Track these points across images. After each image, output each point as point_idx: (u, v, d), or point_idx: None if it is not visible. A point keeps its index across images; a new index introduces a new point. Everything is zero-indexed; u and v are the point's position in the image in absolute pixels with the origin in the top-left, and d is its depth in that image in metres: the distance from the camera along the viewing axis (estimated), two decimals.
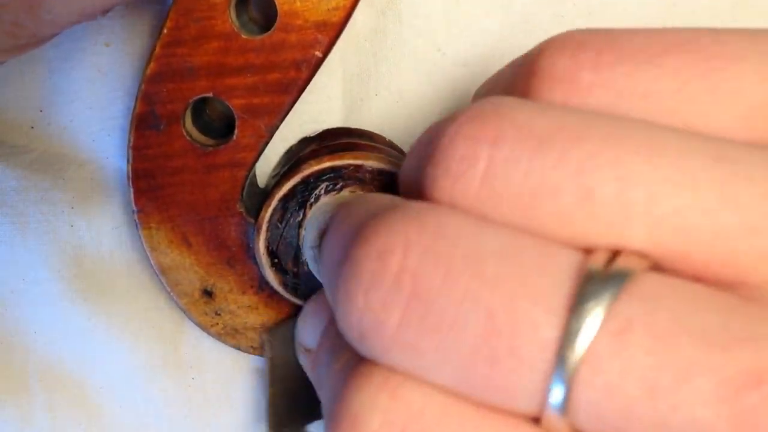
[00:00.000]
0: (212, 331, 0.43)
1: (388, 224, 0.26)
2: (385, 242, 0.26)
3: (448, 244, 0.25)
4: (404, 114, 0.45)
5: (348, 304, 0.26)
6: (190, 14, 0.36)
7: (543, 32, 0.42)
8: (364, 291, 0.26)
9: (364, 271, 0.26)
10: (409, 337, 0.25)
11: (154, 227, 0.40)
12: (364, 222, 0.27)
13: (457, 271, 0.25)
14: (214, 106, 0.41)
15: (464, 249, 0.25)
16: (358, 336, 0.26)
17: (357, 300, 0.26)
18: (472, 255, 0.25)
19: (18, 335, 0.46)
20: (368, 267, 0.26)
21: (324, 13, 0.36)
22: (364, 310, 0.26)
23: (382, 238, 0.26)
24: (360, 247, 0.26)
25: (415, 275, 0.25)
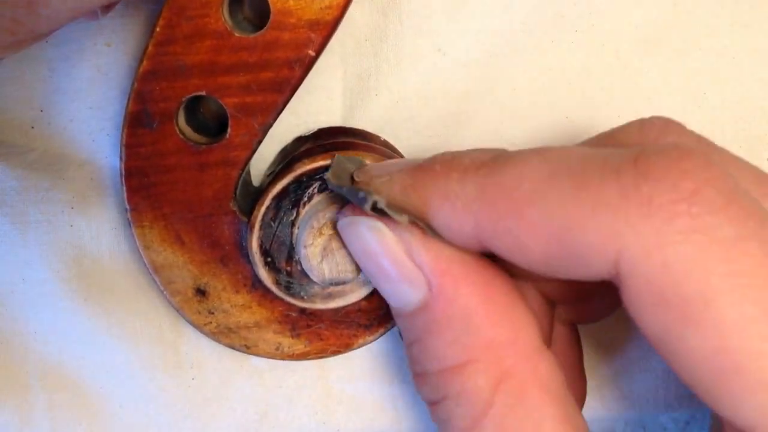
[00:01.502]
0: (206, 330, 0.42)
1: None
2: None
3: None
4: (404, 114, 0.45)
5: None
6: (183, 12, 0.36)
7: (543, 32, 0.43)
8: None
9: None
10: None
11: (147, 225, 0.40)
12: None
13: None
14: (207, 104, 0.41)
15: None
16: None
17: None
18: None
19: (18, 335, 0.46)
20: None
21: (317, 11, 0.36)
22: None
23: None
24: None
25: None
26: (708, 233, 0.27)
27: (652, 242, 0.28)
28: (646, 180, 0.28)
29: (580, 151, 0.31)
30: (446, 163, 0.34)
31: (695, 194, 0.28)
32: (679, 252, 0.27)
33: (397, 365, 0.48)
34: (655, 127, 0.36)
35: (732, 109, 0.46)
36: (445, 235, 0.34)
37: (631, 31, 0.44)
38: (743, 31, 0.45)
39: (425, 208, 0.34)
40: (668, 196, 0.28)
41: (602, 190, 0.29)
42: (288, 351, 0.43)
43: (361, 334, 0.43)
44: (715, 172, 0.28)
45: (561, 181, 0.30)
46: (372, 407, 0.49)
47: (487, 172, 0.32)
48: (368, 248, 0.36)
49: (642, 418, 0.49)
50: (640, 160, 0.29)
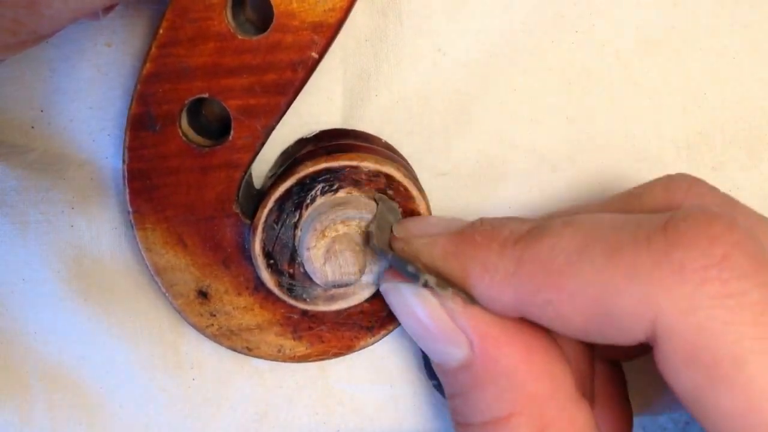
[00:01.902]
0: (207, 333, 0.42)
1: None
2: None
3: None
4: (404, 114, 0.45)
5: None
6: (186, 14, 0.36)
7: (543, 32, 0.43)
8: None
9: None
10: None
11: (150, 228, 0.40)
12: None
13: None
14: (210, 106, 0.41)
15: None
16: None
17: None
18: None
19: (18, 335, 0.46)
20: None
21: (320, 14, 0.36)
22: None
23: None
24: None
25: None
26: (738, 298, 0.28)
27: (685, 307, 0.29)
28: (676, 247, 0.29)
29: (610, 219, 0.33)
30: (486, 235, 0.35)
31: (725, 260, 0.29)
32: (712, 316, 0.29)
33: (397, 366, 0.48)
34: (680, 187, 0.37)
35: (732, 109, 0.46)
36: (484, 304, 0.35)
37: (631, 31, 0.44)
38: (743, 31, 0.45)
39: (466, 277, 0.35)
40: (699, 262, 0.29)
41: (635, 258, 0.30)
42: (289, 353, 0.43)
43: (363, 336, 0.43)
44: (742, 236, 0.30)
45: (594, 252, 0.31)
46: (372, 407, 0.49)
47: (524, 246, 0.34)
48: (413, 313, 0.37)
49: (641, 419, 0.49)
50: (670, 227, 0.30)
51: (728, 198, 0.37)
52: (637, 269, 0.30)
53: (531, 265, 0.33)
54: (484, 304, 0.35)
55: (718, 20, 0.44)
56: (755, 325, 0.28)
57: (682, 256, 0.29)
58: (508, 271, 0.34)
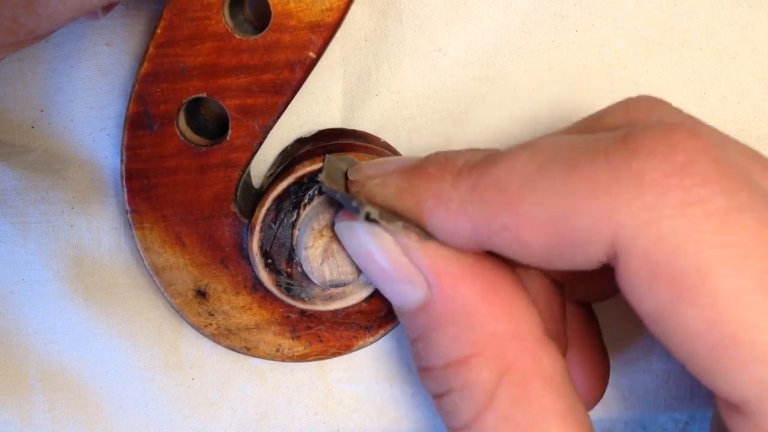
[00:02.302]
0: (206, 332, 0.42)
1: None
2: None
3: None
4: (404, 114, 0.45)
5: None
6: (183, 14, 0.36)
7: (543, 32, 0.43)
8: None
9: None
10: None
11: (148, 227, 0.40)
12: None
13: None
14: (207, 106, 0.41)
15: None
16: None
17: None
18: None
19: (18, 335, 0.46)
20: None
21: (318, 14, 0.36)
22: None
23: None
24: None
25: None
26: (701, 206, 0.27)
27: (646, 218, 0.28)
28: (636, 156, 0.28)
29: (569, 139, 0.31)
30: (440, 165, 0.34)
31: (687, 166, 0.28)
32: (674, 226, 0.27)
33: (397, 365, 0.48)
34: (641, 106, 0.35)
35: (732, 109, 0.46)
36: (441, 237, 0.34)
37: (631, 31, 0.44)
38: (743, 31, 0.45)
39: (420, 211, 0.34)
40: (660, 170, 0.28)
41: (593, 173, 0.29)
42: (288, 353, 0.43)
43: (361, 336, 0.43)
44: (705, 143, 0.28)
45: (552, 171, 0.30)
46: (372, 407, 0.49)
47: (479, 172, 0.32)
48: (366, 251, 0.36)
49: (642, 419, 0.49)
50: (629, 139, 0.29)
51: (691, 116, 0.35)
52: (596, 184, 0.29)
53: (487, 191, 0.32)
54: (441, 238, 0.34)
55: (718, 20, 0.44)
56: (719, 234, 0.27)
57: (641, 166, 0.28)
58: (463, 199, 0.32)
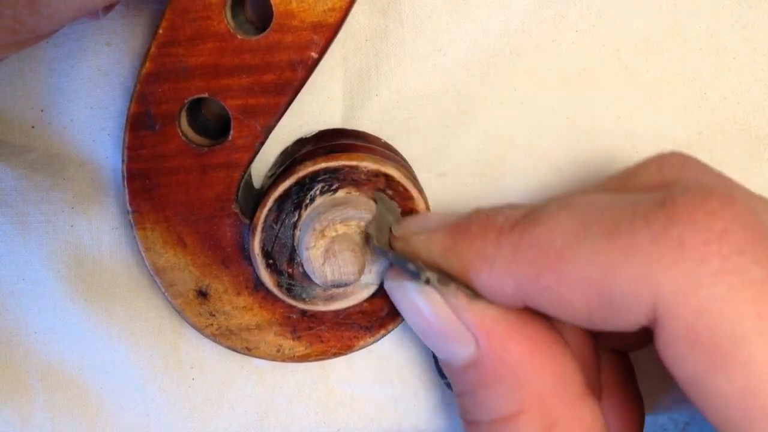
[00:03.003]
0: (207, 332, 0.42)
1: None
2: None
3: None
4: (404, 114, 0.45)
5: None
6: (185, 14, 0.36)
7: (543, 32, 0.43)
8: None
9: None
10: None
11: (149, 228, 0.40)
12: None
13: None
14: (209, 106, 0.41)
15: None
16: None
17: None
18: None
19: (18, 335, 0.46)
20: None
21: (320, 14, 0.36)
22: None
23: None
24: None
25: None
26: (739, 275, 0.28)
27: (686, 285, 0.28)
28: (675, 223, 0.29)
29: (606, 199, 0.32)
30: (481, 224, 0.35)
31: (724, 234, 0.28)
32: (712, 294, 0.28)
33: (397, 366, 0.48)
34: (674, 165, 0.36)
35: (732, 109, 0.46)
36: (486, 295, 0.35)
37: (631, 31, 0.44)
38: (743, 31, 0.45)
39: (465, 270, 0.35)
40: (699, 237, 0.28)
41: (633, 236, 0.29)
42: (289, 353, 0.43)
43: (362, 336, 0.43)
44: (740, 210, 0.29)
45: (592, 233, 0.31)
46: (372, 407, 0.49)
47: (520, 231, 0.33)
48: (418, 310, 0.37)
49: None
50: (668, 204, 0.30)
51: (722, 174, 0.36)
52: (636, 248, 0.29)
53: (528, 251, 0.32)
54: (487, 296, 0.35)
55: (718, 20, 0.44)
56: (755, 304, 0.28)
57: (680, 232, 0.29)
58: (506, 259, 0.33)
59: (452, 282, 0.35)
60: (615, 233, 0.30)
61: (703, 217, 0.29)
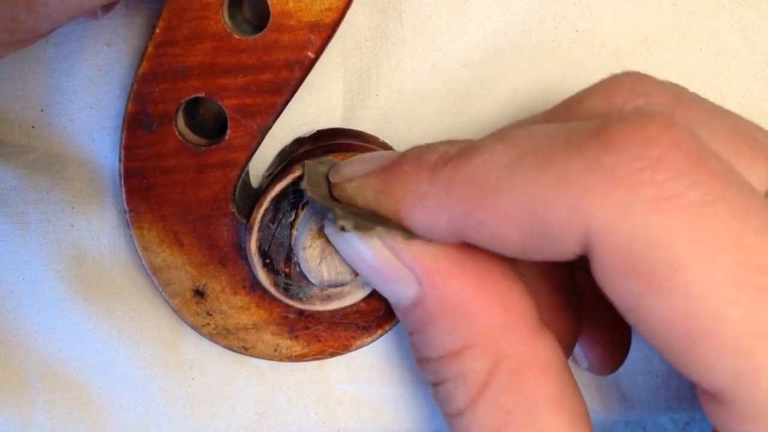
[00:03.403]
0: (204, 332, 0.42)
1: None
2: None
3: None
4: (404, 114, 0.45)
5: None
6: (182, 14, 0.36)
7: (543, 32, 0.43)
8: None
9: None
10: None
11: (146, 227, 0.40)
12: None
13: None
14: (206, 106, 0.41)
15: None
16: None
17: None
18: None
19: (18, 335, 0.46)
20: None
21: (317, 14, 0.36)
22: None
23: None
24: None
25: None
26: (674, 200, 0.27)
27: (618, 214, 0.28)
28: (608, 151, 0.28)
29: (544, 129, 0.31)
30: (414, 162, 0.34)
31: (659, 161, 0.28)
32: (646, 221, 0.27)
33: (397, 365, 0.48)
34: (623, 87, 0.35)
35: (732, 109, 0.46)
36: (421, 234, 0.34)
37: (631, 31, 0.44)
38: (743, 31, 0.45)
39: (399, 211, 0.34)
40: (632, 165, 0.28)
41: (566, 167, 0.29)
42: (286, 352, 0.43)
43: (359, 336, 0.43)
44: (679, 136, 0.28)
45: (526, 164, 0.30)
46: (372, 407, 0.49)
47: (454, 166, 0.32)
48: (357, 254, 0.36)
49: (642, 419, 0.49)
50: (602, 132, 0.29)
51: (675, 91, 0.35)
52: (568, 178, 0.29)
53: (462, 185, 0.32)
54: (422, 235, 0.34)
55: (718, 20, 0.44)
56: (692, 228, 0.27)
57: (613, 160, 0.28)
58: (439, 195, 0.32)
59: (376, 226, 0.34)
60: (547, 163, 0.29)
61: (638, 144, 0.28)
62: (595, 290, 0.41)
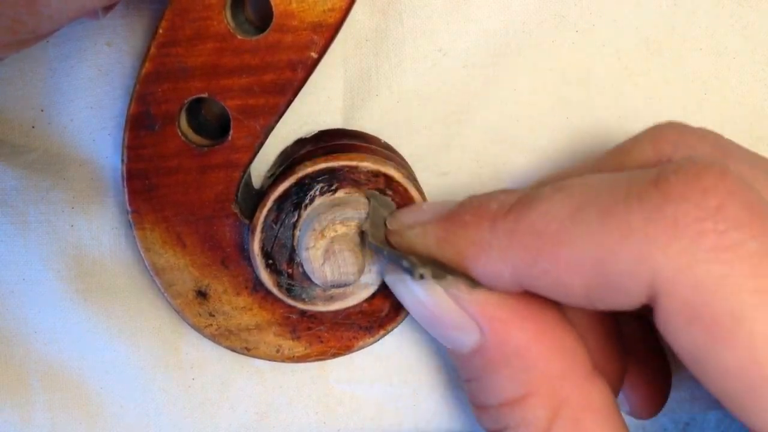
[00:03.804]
0: (206, 333, 0.42)
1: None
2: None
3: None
4: (404, 114, 0.45)
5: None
6: (185, 14, 0.36)
7: (543, 32, 0.43)
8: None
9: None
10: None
11: (149, 228, 0.40)
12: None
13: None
14: (209, 106, 0.41)
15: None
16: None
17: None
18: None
19: (18, 335, 0.46)
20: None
21: (320, 14, 0.36)
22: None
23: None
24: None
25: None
26: (735, 250, 0.28)
27: (682, 263, 0.28)
28: (668, 201, 0.29)
29: (600, 179, 0.32)
30: (475, 212, 0.35)
31: (719, 211, 0.28)
32: (709, 270, 0.28)
33: (397, 366, 0.48)
34: (668, 138, 0.36)
35: (732, 109, 0.46)
36: (484, 283, 0.35)
37: (631, 31, 0.44)
38: (743, 31, 0.45)
39: (462, 259, 0.35)
40: (693, 215, 0.28)
41: (628, 217, 0.29)
42: (288, 353, 0.43)
43: (362, 336, 0.43)
44: (735, 185, 0.29)
45: (587, 215, 0.31)
46: (372, 407, 0.49)
47: (515, 217, 0.33)
48: (420, 303, 0.37)
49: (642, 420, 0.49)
50: (661, 181, 0.29)
51: (720, 142, 0.36)
52: (631, 228, 0.29)
53: (524, 236, 0.32)
54: (485, 284, 0.35)
55: (718, 20, 0.44)
56: (753, 278, 0.27)
57: (675, 210, 0.29)
58: (501, 245, 0.33)
59: (449, 274, 0.35)
60: (609, 214, 0.30)
61: (697, 194, 0.29)
62: (640, 336, 0.42)
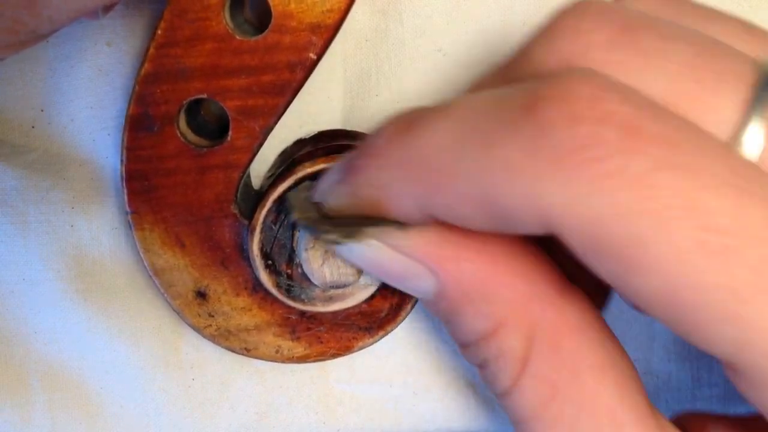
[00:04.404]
0: (205, 333, 0.42)
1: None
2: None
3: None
4: None
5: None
6: (184, 15, 0.36)
7: None
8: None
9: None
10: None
11: (148, 228, 0.40)
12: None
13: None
14: (208, 107, 0.41)
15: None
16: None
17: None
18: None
19: (18, 335, 0.46)
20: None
21: (318, 15, 0.36)
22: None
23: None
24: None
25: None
26: (617, 176, 0.26)
27: (571, 197, 0.26)
28: (542, 133, 0.27)
29: (484, 101, 0.30)
30: (365, 153, 0.33)
31: (592, 138, 0.26)
32: (599, 202, 0.26)
33: (397, 366, 0.48)
34: (565, 30, 0.32)
35: None
36: (405, 222, 0.33)
37: None
38: None
39: (375, 207, 0.33)
40: (568, 146, 0.26)
41: (506, 151, 0.28)
42: (288, 354, 0.43)
43: (361, 337, 0.43)
44: (606, 107, 0.27)
45: (470, 148, 0.29)
46: (372, 407, 0.49)
47: (402, 148, 0.31)
48: (366, 261, 0.35)
49: None
50: (531, 109, 0.27)
51: (624, 20, 0.31)
52: (512, 163, 0.27)
53: (413, 169, 0.30)
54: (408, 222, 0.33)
55: None
56: (644, 200, 0.26)
57: (549, 142, 0.26)
58: (398, 180, 0.31)
59: (366, 227, 0.33)
60: (490, 146, 0.28)
61: (568, 121, 0.27)
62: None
